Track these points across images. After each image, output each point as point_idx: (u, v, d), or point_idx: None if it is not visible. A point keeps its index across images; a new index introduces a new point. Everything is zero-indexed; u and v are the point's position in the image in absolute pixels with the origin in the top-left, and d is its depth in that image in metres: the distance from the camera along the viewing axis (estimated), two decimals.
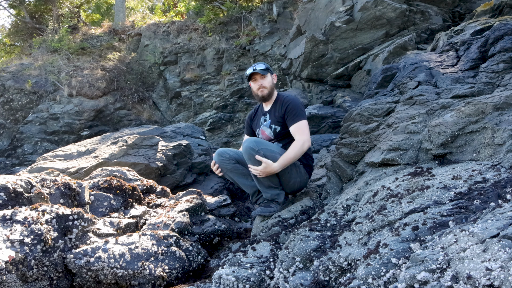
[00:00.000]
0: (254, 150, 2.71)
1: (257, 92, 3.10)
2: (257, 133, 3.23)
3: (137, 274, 2.40)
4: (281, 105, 3.02)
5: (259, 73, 3.05)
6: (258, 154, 2.71)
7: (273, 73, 3.18)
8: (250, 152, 2.73)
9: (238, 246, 2.80)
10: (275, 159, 2.74)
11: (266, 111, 3.15)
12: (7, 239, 2.13)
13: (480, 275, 1.15)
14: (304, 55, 5.99)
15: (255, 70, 3.06)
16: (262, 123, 3.15)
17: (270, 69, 3.16)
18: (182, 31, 10.57)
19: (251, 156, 2.74)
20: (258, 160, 2.73)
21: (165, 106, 9.89)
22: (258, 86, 3.08)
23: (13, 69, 9.30)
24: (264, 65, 3.11)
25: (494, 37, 3.13)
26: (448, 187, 1.87)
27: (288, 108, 2.95)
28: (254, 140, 2.77)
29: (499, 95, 2.34)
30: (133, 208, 3.07)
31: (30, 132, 8.43)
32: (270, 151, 2.75)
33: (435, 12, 5.48)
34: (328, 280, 1.80)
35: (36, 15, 12.72)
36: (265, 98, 3.10)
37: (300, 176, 2.95)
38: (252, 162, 2.76)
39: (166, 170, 4.54)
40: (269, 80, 3.09)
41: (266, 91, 3.07)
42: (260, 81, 3.07)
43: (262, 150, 2.71)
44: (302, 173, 2.96)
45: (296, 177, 2.92)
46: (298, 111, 2.94)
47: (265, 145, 2.78)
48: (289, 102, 2.98)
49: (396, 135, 2.59)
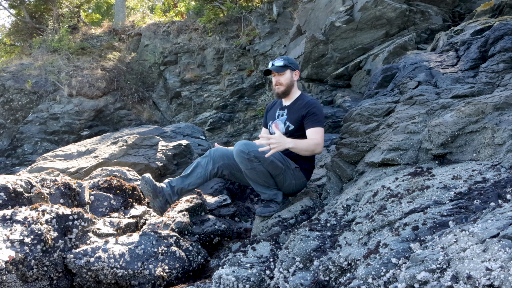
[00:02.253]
0: (245, 153, 2.68)
1: (274, 88, 3.07)
2: (269, 125, 3.17)
3: (137, 274, 2.40)
4: (304, 106, 2.96)
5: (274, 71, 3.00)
6: (249, 156, 2.68)
7: (295, 69, 3.06)
8: (242, 156, 2.70)
9: (238, 246, 2.80)
10: (267, 159, 2.70)
11: (284, 106, 3.10)
12: (7, 239, 2.13)
13: (480, 275, 1.15)
14: (304, 55, 5.99)
15: (271, 67, 3.01)
16: (278, 117, 3.10)
17: (292, 65, 3.03)
18: (182, 31, 10.57)
19: (243, 159, 2.71)
20: (251, 161, 2.70)
21: (165, 106, 9.89)
22: (275, 82, 3.04)
23: (13, 69, 9.29)
24: (283, 61, 3.01)
25: (494, 37, 3.13)
26: (448, 187, 1.87)
27: (311, 111, 2.90)
28: (243, 143, 2.73)
29: (499, 95, 2.34)
30: (133, 208, 3.07)
31: (30, 132, 8.42)
32: (262, 152, 2.68)
33: (435, 12, 5.48)
34: (328, 280, 1.80)
35: (36, 15, 12.71)
36: (280, 95, 3.06)
37: (296, 178, 2.92)
38: (244, 165, 2.74)
39: (166, 170, 4.54)
40: (287, 77, 3.01)
41: (282, 88, 3.02)
42: (277, 77, 3.02)
43: (253, 152, 2.68)
44: (298, 175, 2.94)
45: (291, 179, 2.89)
46: (320, 117, 2.90)
47: (256, 147, 2.71)
48: (313, 106, 2.92)
49: (396, 135, 2.59)
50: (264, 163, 2.73)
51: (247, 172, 2.80)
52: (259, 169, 2.75)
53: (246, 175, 2.84)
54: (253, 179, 2.85)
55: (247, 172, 2.80)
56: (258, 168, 2.74)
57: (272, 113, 3.20)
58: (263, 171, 2.77)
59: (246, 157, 2.69)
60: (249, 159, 2.69)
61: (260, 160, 2.71)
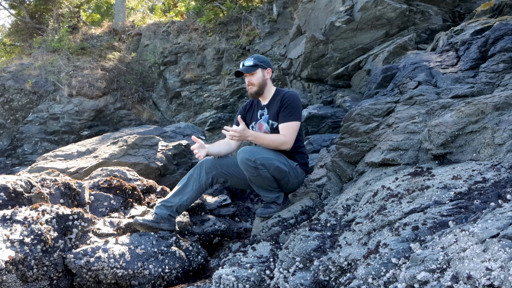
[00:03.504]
0: (251, 161, 2.65)
1: (247, 89, 3.00)
2: (252, 126, 3.11)
3: (137, 274, 2.40)
4: (280, 100, 2.91)
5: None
6: (255, 164, 2.65)
7: (266, 67, 2.97)
8: (247, 163, 2.67)
9: (238, 246, 2.80)
10: (273, 165, 2.69)
11: (264, 105, 3.05)
12: (7, 239, 2.13)
13: (480, 275, 1.15)
14: (304, 55, 5.99)
15: (240, 68, 2.93)
16: (261, 117, 3.06)
17: (263, 63, 2.95)
18: (182, 31, 10.57)
19: (248, 166, 2.68)
20: (257, 169, 2.68)
21: (165, 106, 9.89)
22: (247, 82, 2.97)
23: (13, 69, 9.29)
24: (252, 61, 2.93)
25: (494, 37, 3.13)
26: (448, 187, 1.87)
27: (285, 104, 2.85)
28: (249, 150, 2.69)
29: (499, 95, 2.34)
30: (133, 208, 3.07)
31: (30, 132, 8.42)
32: (266, 159, 2.68)
33: (435, 12, 5.48)
34: (328, 280, 1.80)
35: (36, 15, 12.71)
36: (253, 95, 2.99)
37: (298, 176, 2.92)
38: (250, 173, 2.71)
39: (166, 170, 4.54)
40: (258, 77, 2.93)
41: (254, 88, 2.94)
42: (249, 77, 2.94)
43: (259, 160, 2.65)
44: (299, 173, 2.94)
45: (294, 179, 2.89)
46: (294, 110, 2.85)
47: (261, 153, 2.70)
48: (288, 98, 2.88)
49: (396, 135, 2.59)
50: (270, 168, 2.71)
51: (252, 179, 2.77)
52: (264, 175, 2.73)
53: (251, 181, 2.81)
54: (258, 185, 2.83)
55: (252, 179, 2.77)
56: (264, 174, 2.72)
57: (252, 115, 3.12)
58: (269, 177, 2.75)
59: (252, 165, 2.66)
60: (255, 167, 2.66)
61: (266, 166, 2.68)
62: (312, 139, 4.66)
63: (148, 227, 2.71)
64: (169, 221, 2.79)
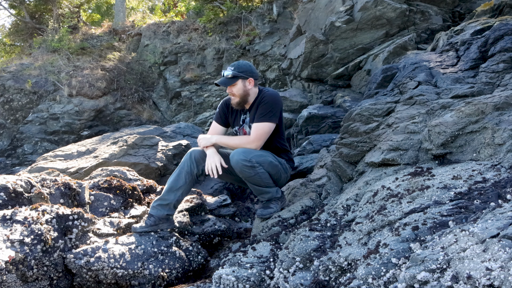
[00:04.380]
0: (247, 160, 2.66)
1: (231, 99, 2.96)
2: (235, 130, 3.11)
3: (137, 274, 2.40)
4: (259, 101, 2.88)
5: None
6: (251, 163, 2.67)
7: (248, 77, 2.85)
8: (243, 164, 2.67)
9: (238, 246, 2.80)
10: (267, 160, 2.76)
11: (246, 110, 3.02)
12: (7, 239, 2.13)
13: (480, 275, 1.15)
14: (304, 55, 5.99)
15: (219, 81, 2.86)
16: (244, 122, 3.03)
17: (243, 73, 2.83)
18: (182, 31, 10.57)
19: (244, 167, 2.68)
20: (253, 168, 2.69)
21: (165, 106, 9.89)
22: (228, 93, 2.93)
23: (13, 69, 9.29)
24: (231, 72, 2.82)
25: (494, 37, 3.13)
26: (448, 187, 1.87)
27: (262, 104, 2.83)
28: (241, 152, 2.69)
29: (499, 95, 2.35)
30: (133, 208, 3.07)
31: (30, 132, 8.43)
32: (260, 155, 2.74)
33: (435, 12, 5.48)
34: (328, 280, 1.80)
35: (36, 15, 12.71)
36: (236, 105, 2.94)
37: (286, 171, 3.00)
38: (247, 173, 2.71)
39: (166, 170, 4.54)
40: (239, 88, 2.84)
41: (236, 99, 2.89)
42: (229, 88, 2.88)
43: (254, 158, 2.69)
44: (288, 167, 3.03)
45: (284, 173, 2.98)
46: (268, 111, 2.79)
47: (253, 151, 2.73)
48: (264, 99, 2.83)
49: (396, 135, 2.59)
50: (265, 164, 2.76)
51: (250, 180, 2.79)
52: (261, 173, 2.76)
53: (249, 182, 2.83)
54: (256, 184, 2.84)
55: (250, 180, 2.79)
56: (260, 172, 2.75)
57: (235, 118, 3.09)
58: (265, 174, 2.79)
59: (248, 165, 2.67)
60: (252, 166, 2.68)
61: (261, 163, 2.73)
62: (312, 139, 4.66)
63: (148, 232, 2.73)
64: (168, 220, 2.80)
